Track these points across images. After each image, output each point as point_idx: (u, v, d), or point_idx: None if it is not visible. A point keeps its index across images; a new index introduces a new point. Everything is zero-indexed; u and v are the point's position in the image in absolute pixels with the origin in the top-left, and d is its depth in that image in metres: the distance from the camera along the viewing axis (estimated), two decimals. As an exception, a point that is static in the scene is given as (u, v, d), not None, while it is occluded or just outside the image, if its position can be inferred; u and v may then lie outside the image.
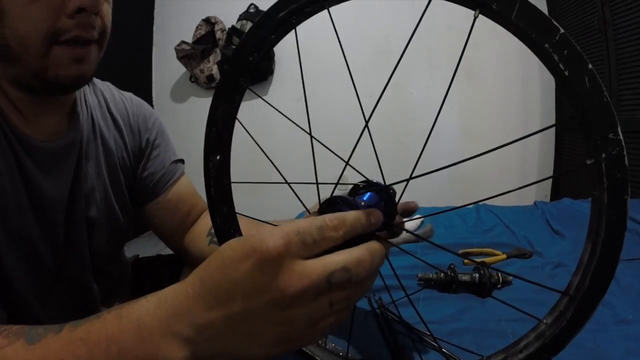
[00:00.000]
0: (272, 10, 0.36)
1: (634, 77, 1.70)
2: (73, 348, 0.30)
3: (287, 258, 0.27)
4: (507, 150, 2.42)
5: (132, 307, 0.31)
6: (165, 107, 2.79)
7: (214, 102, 0.39)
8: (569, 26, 2.09)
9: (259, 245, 0.27)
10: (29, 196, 0.52)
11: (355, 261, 0.29)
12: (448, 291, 0.71)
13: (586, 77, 0.29)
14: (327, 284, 0.28)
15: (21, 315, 0.53)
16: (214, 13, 2.59)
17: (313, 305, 0.28)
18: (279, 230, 0.28)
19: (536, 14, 0.29)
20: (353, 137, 0.38)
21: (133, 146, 0.69)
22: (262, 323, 0.28)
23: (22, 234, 0.51)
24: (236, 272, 0.28)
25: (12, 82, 0.49)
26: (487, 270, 0.69)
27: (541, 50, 0.30)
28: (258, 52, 0.38)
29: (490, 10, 0.31)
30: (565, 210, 1.22)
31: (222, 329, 0.28)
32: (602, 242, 0.31)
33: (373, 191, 0.41)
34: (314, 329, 0.29)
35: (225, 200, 0.42)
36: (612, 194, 0.30)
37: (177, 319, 0.29)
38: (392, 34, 2.43)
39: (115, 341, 0.29)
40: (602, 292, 0.32)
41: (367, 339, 0.57)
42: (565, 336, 0.33)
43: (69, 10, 0.44)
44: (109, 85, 0.70)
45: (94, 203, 0.61)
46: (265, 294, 0.27)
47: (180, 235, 0.76)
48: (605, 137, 0.29)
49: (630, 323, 0.58)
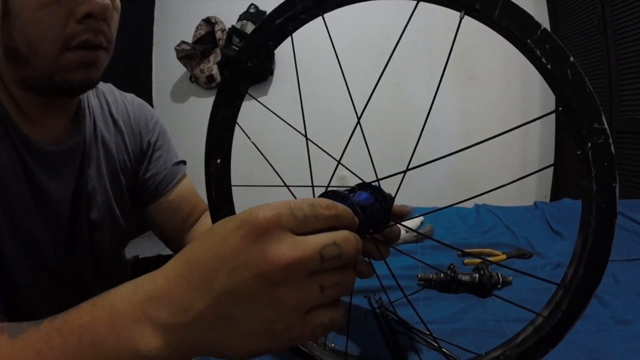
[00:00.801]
0: (269, 18, 0.37)
1: (634, 77, 1.70)
2: (49, 339, 0.29)
3: (278, 229, 0.26)
4: (507, 150, 2.43)
5: (108, 294, 0.29)
6: (165, 107, 2.79)
7: (214, 106, 0.40)
8: (569, 26, 2.09)
9: (248, 217, 0.26)
10: (34, 197, 0.53)
11: (344, 238, 0.28)
12: (448, 291, 0.71)
13: (568, 69, 0.30)
14: (319, 257, 0.26)
15: (24, 315, 0.54)
16: (214, 13, 2.59)
17: (304, 286, 0.26)
18: (269, 203, 0.27)
19: (517, 12, 0.31)
20: (354, 137, 0.38)
21: (134, 148, 0.70)
22: (248, 304, 0.26)
23: (27, 233, 0.52)
24: (223, 246, 0.26)
25: (20, 84, 0.49)
26: (487, 270, 0.69)
27: (524, 46, 0.31)
28: (257, 57, 0.39)
29: (474, 11, 0.32)
30: (565, 211, 1.22)
31: (203, 312, 0.26)
32: (594, 230, 0.31)
33: (368, 192, 0.41)
34: (304, 320, 0.27)
35: (226, 203, 0.43)
36: (600, 182, 0.30)
37: (152, 303, 0.27)
38: (393, 34, 2.43)
39: (87, 330, 0.28)
40: (596, 281, 0.32)
41: (367, 338, 0.57)
42: (562, 328, 0.34)
43: (78, 15, 0.44)
44: (111, 87, 0.71)
45: (95, 205, 0.62)
46: (254, 267, 0.25)
47: (181, 236, 0.77)
48: (590, 127, 0.30)
49: (630, 323, 0.58)
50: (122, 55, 2.72)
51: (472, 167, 2.34)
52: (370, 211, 0.37)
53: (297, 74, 0.50)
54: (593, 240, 0.31)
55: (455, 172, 2.38)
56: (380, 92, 0.46)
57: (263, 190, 2.31)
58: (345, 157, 0.42)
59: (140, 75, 2.72)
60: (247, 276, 0.25)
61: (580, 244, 0.33)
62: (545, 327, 0.34)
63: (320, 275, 0.27)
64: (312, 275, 0.26)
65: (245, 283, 0.25)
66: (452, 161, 0.38)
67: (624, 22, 1.71)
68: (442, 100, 2.39)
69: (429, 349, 0.54)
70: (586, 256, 0.32)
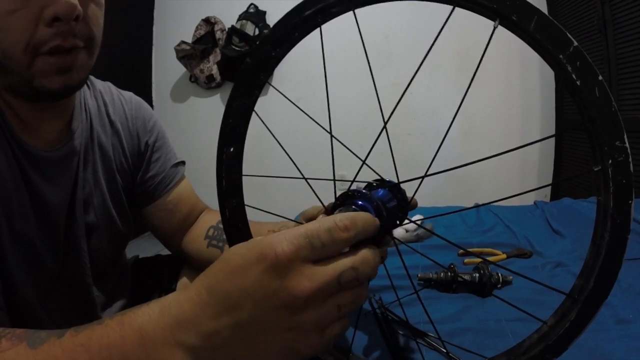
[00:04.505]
0: (298, 8, 0.36)
1: (634, 77, 1.70)
2: (75, 354, 0.29)
3: (297, 262, 0.27)
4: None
5: (135, 314, 0.30)
6: (165, 107, 2.79)
7: (231, 94, 0.39)
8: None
9: (268, 252, 0.27)
10: (32, 202, 0.53)
11: (362, 260, 0.29)
12: (448, 291, 0.71)
13: (596, 87, 0.30)
14: (337, 284, 0.28)
15: (24, 315, 0.54)
16: (213, 13, 2.59)
17: (322, 308, 0.28)
18: (287, 234, 0.28)
19: (552, 27, 0.31)
20: (352, 137, 0.38)
21: (131, 150, 0.69)
22: (271, 329, 0.28)
23: (24, 237, 0.52)
24: (245, 280, 0.27)
25: (8, 90, 0.49)
26: (487, 269, 0.69)
27: (555, 61, 0.31)
28: (280, 47, 0.38)
29: (509, 22, 0.32)
30: (565, 210, 1.22)
31: (229, 337, 0.28)
32: (607, 244, 0.32)
33: (386, 188, 0.42)
34: (321, 336, 0.29)
35: (236, 193, 0.42)
36: (617, 198, 0.31)
37: (181, 327, 0.28)
38: (392, 34, 2.43)
39: (116, 349, 0.29)
40: (606, 293, 0.32)
41: (367, 339, 0.57)
42: (569, 337, 0.34)
43: (46, 19, 0.43)
44: (110, 85, 0.70)
45: (92, 209, 0.62)
46: (276, 299, 0.27)
47: (179, 237, 0.77)
48: (612, 145, 0.31)
49: (630, 323, 0.58)
50: (122, 55, 2.71)
51: (472, 167, 2.33)
52: (389, 209, 0.37)
53: (324, 67, 0.49)
54: (606, 254, 0.32)
55: (455, 172, 2.38)
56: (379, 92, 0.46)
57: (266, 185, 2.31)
58: (353, 157, 0.42)
59: (140, 75, 2.72)
60: (270, 307, 0.27)
61: (591, 256, 0.33)
62: (552, 336, 0.34)
63: (338, 296, 0.29)
64: (330, 297, 0.28)
65: (269, 313, 0.27)
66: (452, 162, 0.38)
67: (624, 22, 1.71)
68: (443, 99, 2.39)
69: (429, 349, 0.54)
70: (597, 269, 0.32)
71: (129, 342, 0.29)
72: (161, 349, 0.28)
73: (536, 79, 2.38)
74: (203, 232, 0.75)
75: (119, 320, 0.30)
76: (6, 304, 0.51)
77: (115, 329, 0.30)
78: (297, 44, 0.38)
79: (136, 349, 0.29)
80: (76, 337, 0.30)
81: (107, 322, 0.31)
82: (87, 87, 0.64)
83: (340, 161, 0.42)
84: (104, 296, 0.68)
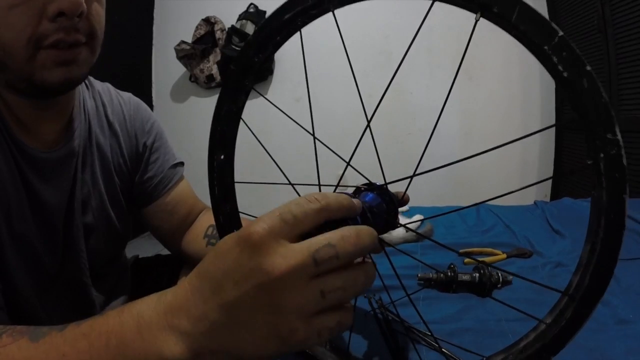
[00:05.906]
0: (277, 12, 0.37)
1: (634, 77, 1.70)
2: (75, 342, 0.30)
3: (271, 240, 0.27)
4: (508, 150, 2.42)
5: (134, 303, 0.32)
6: (165, 107, 2.79)
7: (219, 101, 0.40)
8: (569, 26, 2.09)
9: (244, 233, 0.28)
10: (30, 203, 0.53)
11: (339, 237, 0.28)
12: (448, 291, 0.71)
13: (585, 78, 0.29)
14: (312, 261, 0.27)
15: (23, 315, 0.54)
16: (213, 13, 2.59)
17: (303, 292, 0.27)
18: (264, 216, 0.29)
19: (536, 17, 0.30)
20: (352, 138, 0.38)
21: (130, 150, 0.69)
22: (253, 312, 0.28)
23: (23, 238, 0.53)
24: (226, 261, 0.28)
25: (6, 87, 0.49)
26: (487, 269, 0.69)
27: (540, 53, 0.30)
28: (263, 53, 0.38)
29: (491, 13, 0.31)
30: (566, 210, 1.22)
31: (216, 320, 0.28)
32: (601, 241, 0.31)
33: (374, 192, 0.41)
34: (308, 324, 0.28)
35: (229, 199, 0.42)
36: (610, 193, 0.30)
37: (174, 312, 0.29)
38: (393, 34, 2.43)
39: (115, 334, 0.30)
40: (602, 291, 0.32)
41: (367, 339, 0.57)
42: (565, 336, 0.33)
43: (49, 14, 0.43)
44: (108, 86, 0.70)
45: (90, 210, 0.62)
46: (253, 278, 0.27)
47: (178, 237, 0.77)
48: (603, 138, 0.30)
49: (630, 323, 0.58)
50: (122, 55, 2.71)
51: (472, 167, 2.34)
52: (377, 212, 0.37)
53: (305, 71, 0.49)
54: (601, 251, 0.31)
55: (455, 172, 2.38)
56: (379, 91, 0.46)
57: (263, 188, 2.31)
58: (347, 157, 0.42)
59: (140, 75, 2.72)
60: (248, 287, 0.27)
61: (586, 253, 0.33)
62: (549, 335, 0.34)
63: (321, 280, 0.28)
64: (313, 280, 0.27)
65: (248, 293, 0.27)
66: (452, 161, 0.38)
67: (624, 22, 1.71)
68: (442, 99, 2.39)
69: (429, 349, 0.54)
70: (593, 265, 0.32)
71: (126, 328, 0.30)
72: (156, 333, 0.29)
73: (536, 78, 2.38)
74: (202, 232, 0.75)
75: (119, 309, 0.32)
76: (6, 304, 0.52)
77: (115, 317, 0.31)
78: (279, 47, 0.38)
79: (133, 334, 0.29)
80: (78, 328, 0.31)
81: (108, 312, 0.32)
82: (86, 88, 0.64)
83: (341, 162, 0.42)
84: (103, 296, 0.68)
